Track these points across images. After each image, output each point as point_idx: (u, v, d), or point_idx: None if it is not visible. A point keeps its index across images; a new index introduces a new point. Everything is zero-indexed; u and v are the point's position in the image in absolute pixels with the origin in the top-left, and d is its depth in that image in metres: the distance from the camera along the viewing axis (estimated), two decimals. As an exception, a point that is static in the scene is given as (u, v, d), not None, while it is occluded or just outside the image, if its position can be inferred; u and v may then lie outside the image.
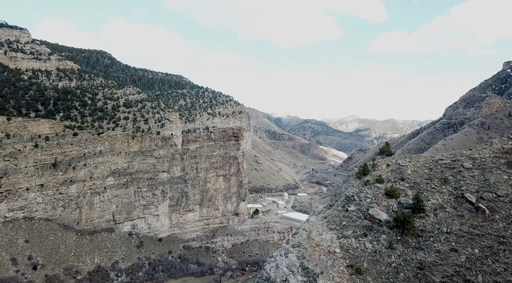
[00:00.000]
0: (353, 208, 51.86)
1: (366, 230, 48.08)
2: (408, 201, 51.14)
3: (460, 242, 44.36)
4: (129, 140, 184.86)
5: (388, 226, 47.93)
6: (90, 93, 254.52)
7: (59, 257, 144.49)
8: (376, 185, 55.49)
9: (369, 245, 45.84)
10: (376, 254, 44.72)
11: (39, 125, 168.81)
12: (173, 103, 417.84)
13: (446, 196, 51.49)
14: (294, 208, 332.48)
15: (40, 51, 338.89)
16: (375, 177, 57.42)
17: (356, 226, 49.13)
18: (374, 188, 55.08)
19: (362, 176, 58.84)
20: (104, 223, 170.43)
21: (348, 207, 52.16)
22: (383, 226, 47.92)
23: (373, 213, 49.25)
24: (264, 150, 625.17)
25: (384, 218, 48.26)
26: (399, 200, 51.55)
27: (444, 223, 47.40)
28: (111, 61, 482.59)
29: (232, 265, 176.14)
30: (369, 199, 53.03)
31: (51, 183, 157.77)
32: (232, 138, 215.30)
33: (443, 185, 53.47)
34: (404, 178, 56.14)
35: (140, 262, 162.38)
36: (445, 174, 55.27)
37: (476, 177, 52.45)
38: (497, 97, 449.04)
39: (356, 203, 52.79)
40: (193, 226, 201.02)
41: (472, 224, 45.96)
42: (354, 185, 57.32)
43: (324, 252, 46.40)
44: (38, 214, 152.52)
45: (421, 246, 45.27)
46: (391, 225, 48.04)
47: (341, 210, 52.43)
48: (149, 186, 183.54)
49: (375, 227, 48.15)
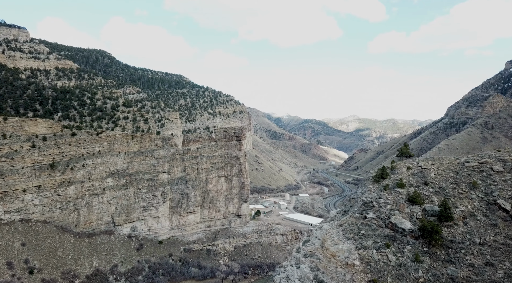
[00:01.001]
0: (372, 215, 47.55)
1: (388, 240, 43.71)
2: (433, 208, 46.75)
3: (496, 255, 40.22)
4: (128, 141, 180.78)
5: (412, 236, 43.61)
6: (89, 92, 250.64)
7: (56, 260, 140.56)
8: (396, 190, 51.07)
9: (393, 257, 41.55)
10: (401, 268, 40.49)
11: (36, 125, 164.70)
12: (173, 103, 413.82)
13: (476, 202, 47.22)
14: (296, 208, 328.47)
15: (39, 50, 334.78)
16: (395, 181, 52.98)
17: (377, 235, 44.81)
18: (394, 193, 50.73)
19: (380, 179, 54.39)
20: (103, 225, 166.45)
21: (366, 214, 47.84)
22: (407, 235, 43.62)
23: (395, 221, 44.92)
24: (264, 149, 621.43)
25: (408, 227, 43.94)
26: (423, 207, 47.20)
27: (476, 233, 43.19)
28: (110, 60, 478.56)
29: (234, 269, 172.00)
30: (390, 205, 48.68)
31: (48, 184, 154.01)
32: (234, 139, 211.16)
33: (471, 190, 49.13)
34: (428, 182, 51.66)
35: (140, 266, 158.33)
36: (473, 177, 50.90)
37: (508, 181, 48.13)
38: (500, 96, 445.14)
39: (375, 209, 48.49)
40: (194, 228, 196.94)
41: (508, 234, 41.73)
42: (371, 189, 52.94)
43: (342, 264, 42.31)
44: (35, 216, 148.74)
45: (451, 259, 40.87)
46: (416, 234, 43.65)
47: (359, 217, 48.14)
48: (149, 187, 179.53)
49: (398, 237, 43.83)
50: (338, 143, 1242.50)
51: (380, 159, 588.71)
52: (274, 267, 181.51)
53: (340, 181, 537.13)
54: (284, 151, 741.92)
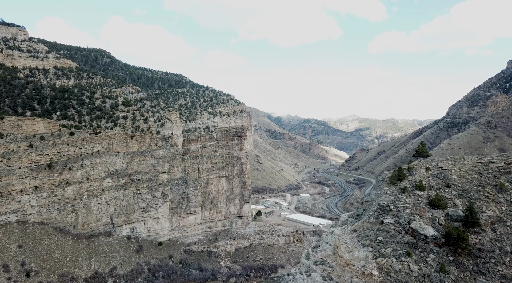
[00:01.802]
0: (389, 220, 44.01)
1: (409, 248, 40.18)
2: (457, 212, 43.19)
3: (530, 265, 36.87)
4: (128, 140, 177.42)
5: (436, 243, 40.07)
6: (88, 91, 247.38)
7: (54, 263, 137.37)
8: (416, 193, 47.54)
9: (415, 267, 38.03)
10: (424, 279, 36.92)
11: (34, 124, 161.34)
12: (173, 102, 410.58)
13: (504, 206, 43.75)
14: (297, 209, 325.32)
15: (38, 49, 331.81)
16: (413, 183, 49.40)
17: (396, 242, 41.31)
18: (414, 196, 47.21)
19: (396, 181, 50.79)
20: (101, 227, 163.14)
21: (383, 219, 44.31)
22: (430, 243, 40.05)
23: (416, 227, 41.42)
24: (265, 149, 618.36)
25: (431, 233, 40.41)
26: (446, 211, 43.65)
27: (507, 241, 39.75)
28: (110, 60, 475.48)
29: (236, 271, 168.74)
30: (409, 210, 45.16)
31: (46, 185, 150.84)
32: (235, 138, 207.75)
33: (498, 192, 45.69)
34: (450, 184, 48.06)
35: (140, 268, 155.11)
36: (500, 179, 47.43)
37: (539, 183, 44.92)
38: (503, 95, 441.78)
39: (393, 214, 44.96)
40: (195, 229, 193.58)
41: (543, 241, 38.44)
42: (387, 192, 49.38)
43: (358, 273, 38.94)
44: (32, 218, 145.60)
45: (481, 270, 37.34)
46: (440, 242, 40.08)
47: (375, 222, 44.64)
48: (148, 188, 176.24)
49: (420, 244, 40.30)
50: (338, 143, 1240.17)
51: (381, 158, 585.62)
52: (276, 269, 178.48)
53: (341, 180, 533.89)
54: (284, 151, 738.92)
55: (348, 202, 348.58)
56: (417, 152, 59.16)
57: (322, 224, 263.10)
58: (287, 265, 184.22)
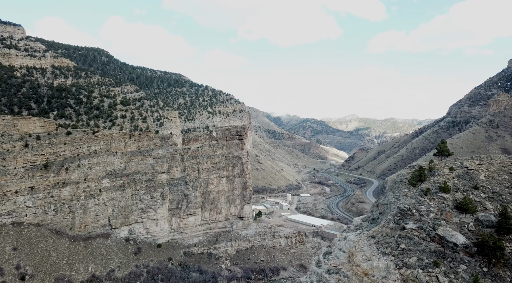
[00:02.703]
0: (412, 225, 40.06)
1: (437, 257, 36.21)
2: (489, 217, 39.23)
3: None
4: (126, 140, 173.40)
5: (467, 252, 36.04)
6: (86, 90, 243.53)
7: (50, 265, 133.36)
8: (440, 195, 43.52)
9: (445, 279, 33.87)
10: (456, 293, 33.37)
11: (30, 123, 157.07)
12: (172, 102, 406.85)
13: (541, 210, 40.08)
14: (298, 209, 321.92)
15: (35, 48, 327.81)
16: (437, 184, 45.32)
17: (421, 251, 37.36)
18: (438, 199, 43.24)
19: (417, 182, 46.73)
20: (99, 228, 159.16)
21: (404, 224, 40.46)
22: (460, 252, 36.01)
23: (444, 234, 37.39)
24: (264, 149, 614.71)
25: (461, 241, 36.39)
26: (476, 216, 39.64)
27: (547, 249, 36.18)
28: (108, 59, 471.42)
29: (237, 273, 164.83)
30: (433, 214, 41.20)
31: (42, 185, 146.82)
32: (236, 137, 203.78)
33: (533, 195, 42.05)
34: (478, 185, 44.01)
35: (138, 270, 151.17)
36: (534, 180, 43.89)
37: None
38: (505, 94, 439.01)
39: (416, 218, 41.05)
40: (195, 230, 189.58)
41: None
42: (407, 194, 45.42)
43: (378, 285, 35.25)
44: (27, 219, 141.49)
45: (520, 283, 33.84)
46: (471, 251, 36.08)
47: (394, 227, 40.71)
48: (147, 188, 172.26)
49: (449, 253, 36.20)
50: (337, 142, 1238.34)
51: (381, 158, 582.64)
52: (278, 271, 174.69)
53: (342, 180, 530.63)
54: (284, 151, 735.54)
55: (349, 202, 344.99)
56: (439, 150, 54.93)
57: (324, 224, 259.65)
58: (289, 267, 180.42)
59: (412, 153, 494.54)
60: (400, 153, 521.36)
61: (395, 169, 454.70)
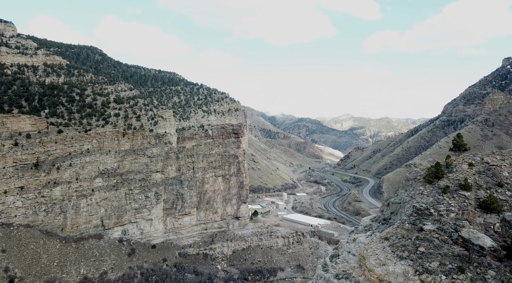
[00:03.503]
0: (430, 226, 36.56)
1: (461, 262, 32.54)
2: (517, 217, 36.17)
3: None
4: (119, 138, 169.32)
5: (495, 256, 32.53)
6: (78, 88, 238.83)
7: (40, 268, 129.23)
8: (461, 193, 39.99)
9: (471, 286, 30.92)
10: (484, 302, 30.01)
11: (20, 121, 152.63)
12: (167, 101, 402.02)
13: None
14: (294, 208, 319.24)
15: (26, 46, 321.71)
16: (456, 181, 41.75)
17: (443, 254, 33.84)
18: (459, 198, 39.75)
19: (434, 179, 43.32)
20: (91, 229, 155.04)
21: (422, 225, 37.11)
22: (487, 256, 32.63)
23: (469, 236, 33.87)
24: (260, 148, 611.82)
25: (488, 244, 32.86)
26: (502, 216, 36.35)
27: None
28: (102, 57, 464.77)
29: (233, 275, 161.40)
30: (454, 214, 37.72)
31: (32, 185, 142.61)
32: (232, 136, 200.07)
33: None
34: (502, 182, 40.80)
35: (132, 272, 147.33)
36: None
37: None
38: (500, 93, 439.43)
39: (434, 219, 37.56)
40: (190, 231, 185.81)
41: None
42: (423, 192, 42.04)
43: (395, 292, 31.87)
44: (17, 220, 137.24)
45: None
46: (500, 255, 32.80)
47: (411, 228, 37.19)
48: (141, 188, 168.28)
49: (475, 257, 32.58)
50: (332, 142, 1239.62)
51: (377, 157, 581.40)
52: (275, 272, 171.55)
53: (337, 179, 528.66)
54: (279, 150, 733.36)
55: (346, 201, 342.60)
56: (455, 144, 51.53)
57: (321, 224, 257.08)
58: (287, 267, 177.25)
59: (407, 152, 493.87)
60: (396, 152, 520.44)
61: (391, 168, 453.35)
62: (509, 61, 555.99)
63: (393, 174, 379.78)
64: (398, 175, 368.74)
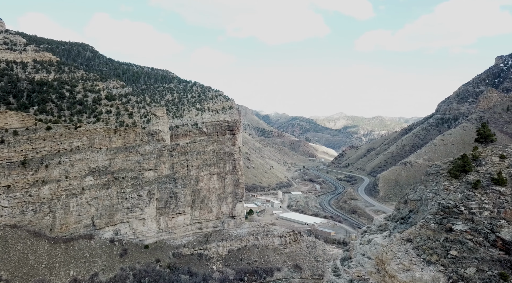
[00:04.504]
0: (461, 226, 32.20)
1: (502, 268, 28.60)
2: (562, 215, 32.17)
3: None
4: (110, 135, 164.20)
5: (542, 261, 28.84)
6: (68, 85, 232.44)
7: (27, 270, 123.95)
8: (494, 189, 35.61)
9: (517, 295, 26.87)
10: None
11: (6, 117, 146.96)
12: (160, 98, 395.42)
13: None
14: (289, 207, 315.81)
15: (15, 42, 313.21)
16: (487, 175, 37.56)
17: (480, 259, 29.65)
18: (492, 194, 35.43)
19: (461, 173, 38.96)
20: (81, 229, 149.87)
21: (451, 224, 32.90)
22: (533, 261, 28.80)
23: (510, 238, 30.02)
24: (254, 147, 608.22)
25: (534, 246, 29.09)
26: (545, 215, 32.54)
27: None
28: (93, 54, 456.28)
29: (229, 275, 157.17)
30: (488, 212, 33.51)
31: (19, 184, 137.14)
32: (227, 133, 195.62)
33: None
34: None
35: (124, 273, 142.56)
36: None
37: None
38: (494, 91, 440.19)
39: (466, 218, 33.23)
40: (184, 230, 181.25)
41: None
42: (449, 187, 37.60)
43: (424, 303, 27.65)
44: (3, 220, 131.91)
45: None
46: (548, 259, 28.96)
47: (438, 228, 32.83)
48: (133, 186, 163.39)
49: (519, 262, 29.00)
50: (326, 140, 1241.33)
51: (371, 155, 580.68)
52: (272, 272, 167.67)
53: (332, 178, 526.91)
54: (273, 148, 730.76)
55: (341, 199, 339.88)
56: (482, 135, 46.90)
57: (317, 222, 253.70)
58: (284, 267, 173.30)
59: (402, 150, 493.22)
60: (390, 150, 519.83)
61: (386, 166, 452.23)
62: (502, 59, 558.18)
63: (389, 172, 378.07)
64: (394, 173, 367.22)
